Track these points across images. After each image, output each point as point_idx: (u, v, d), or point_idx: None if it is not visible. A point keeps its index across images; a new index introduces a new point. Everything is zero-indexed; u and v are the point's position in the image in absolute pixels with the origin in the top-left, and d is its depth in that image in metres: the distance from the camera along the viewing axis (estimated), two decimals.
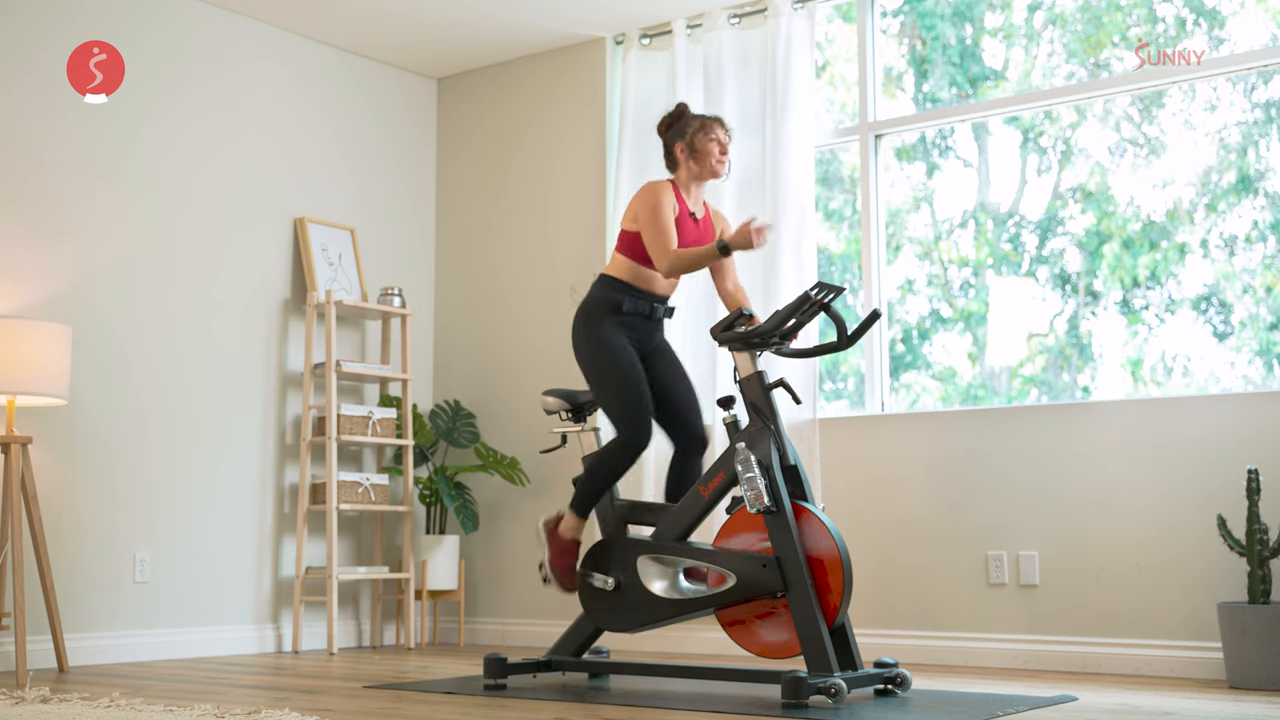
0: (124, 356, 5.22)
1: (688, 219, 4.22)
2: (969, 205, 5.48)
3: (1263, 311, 4.81)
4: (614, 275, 4.24)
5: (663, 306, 4.30)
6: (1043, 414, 4.87)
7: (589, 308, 4.22)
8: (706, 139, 4.25)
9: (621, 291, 4.21)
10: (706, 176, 4.28)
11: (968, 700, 3.75)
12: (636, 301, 4.22)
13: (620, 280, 4.23)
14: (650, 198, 4.17)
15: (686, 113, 4.34)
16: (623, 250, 4.24)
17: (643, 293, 4.24)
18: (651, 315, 4.27)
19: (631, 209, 4.22)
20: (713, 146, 4.25)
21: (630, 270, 4.22)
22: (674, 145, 4.29)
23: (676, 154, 4.29)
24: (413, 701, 3.80)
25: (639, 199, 4.19)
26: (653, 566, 4.09)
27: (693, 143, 4.25)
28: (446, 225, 6.48)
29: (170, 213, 5.44)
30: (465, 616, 6.11)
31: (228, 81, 5.69)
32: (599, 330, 4.17)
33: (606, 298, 4.21)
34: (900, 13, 5.66)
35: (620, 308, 4.20)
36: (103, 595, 5.08)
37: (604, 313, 4.19)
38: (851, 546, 5.02)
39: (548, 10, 5.78)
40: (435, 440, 6.08)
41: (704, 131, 4.25)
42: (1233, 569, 4.41)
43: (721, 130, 4.29)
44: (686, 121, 4.30)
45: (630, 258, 4.22)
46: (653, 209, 4.14)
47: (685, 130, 4.27)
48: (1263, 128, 4.86)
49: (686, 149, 4.26)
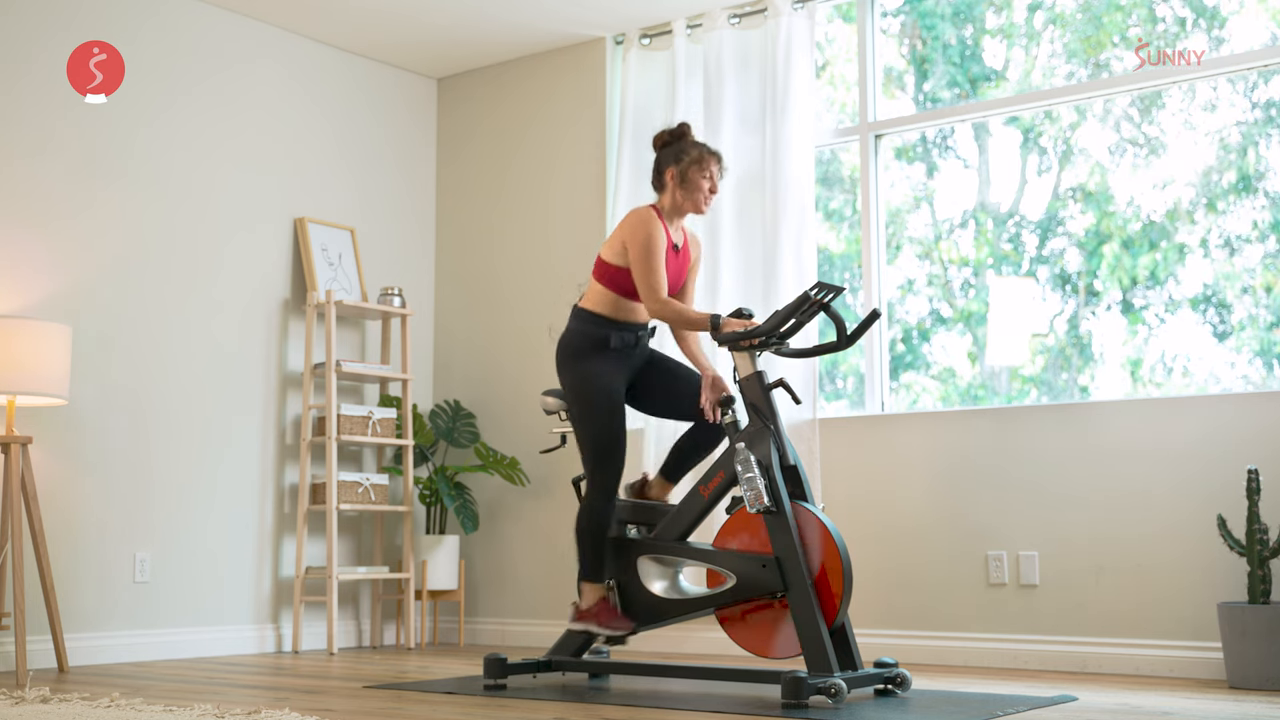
0: (124, 356, 5.22)
1: (670, 252, 4.13)
2: (969, 205, 5.48)
3: (1262, 312, 4.81)
4: (595, 310, 4.14)
5: (645, 333, 4.23)
6: (1043, 414, 4.87)
7: (572, 344, 4.13)
8: (700, 174, 4.11)
9: (605, 327, 4.12)
10: (688, 210, 4.15)
11: (968, 700, 3.75)
12: (622, 335, 4.13)
13: (602, 315, 4.13)
14: (642, 234, 4.03)
15: (688, 136, 4.21)
16: (605, 283, 4.12)
17: (626, 324, 4.15)
18: (638, 344, 4.20)
19: (618, 240, 4.09)
20: (704, 184, 4.12)
21: (612, 304, 4.12)
22: (665, 168, 4.15)
23: (666, 178, 4.15)
24: (413, 701, 3.80)
25: (630, 234, 4.05)
26: (653, 566, 4.09)
27: (685, 173, 4.12)
28: (446, 225, 6.48)
29: (170, 212, 5.44)
30: (465, 616, 6.11)
31: (228, 81, 5.69)
32: (582, 368, 4.10)
33: (590, 334, 4.12)
34: (900, 13, 5.66)
35: (607, 343, 4.11)
36: (103, 595, 5.08)
37: (589, 349, 4.10)
38: (851, 546, 5.02)
39: (548, 10, 5.78)
40: (435, 440, 6.08)
41: (699, 166, 4.11)
42: (1233, 569, 4.41)
43: (717, 168, 4.15)
44: (685, 148, 4.15)
45: (612, 290, 4.11)
46: (645, 248, 4.01)
47: (682, 157, 4.13)
48: (1263, 128, 4.86)
49: (678, 176, 4.12)
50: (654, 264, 4.01)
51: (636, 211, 4.11)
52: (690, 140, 4.20)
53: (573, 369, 4.12)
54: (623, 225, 4.10)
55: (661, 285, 4.01)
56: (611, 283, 4.11)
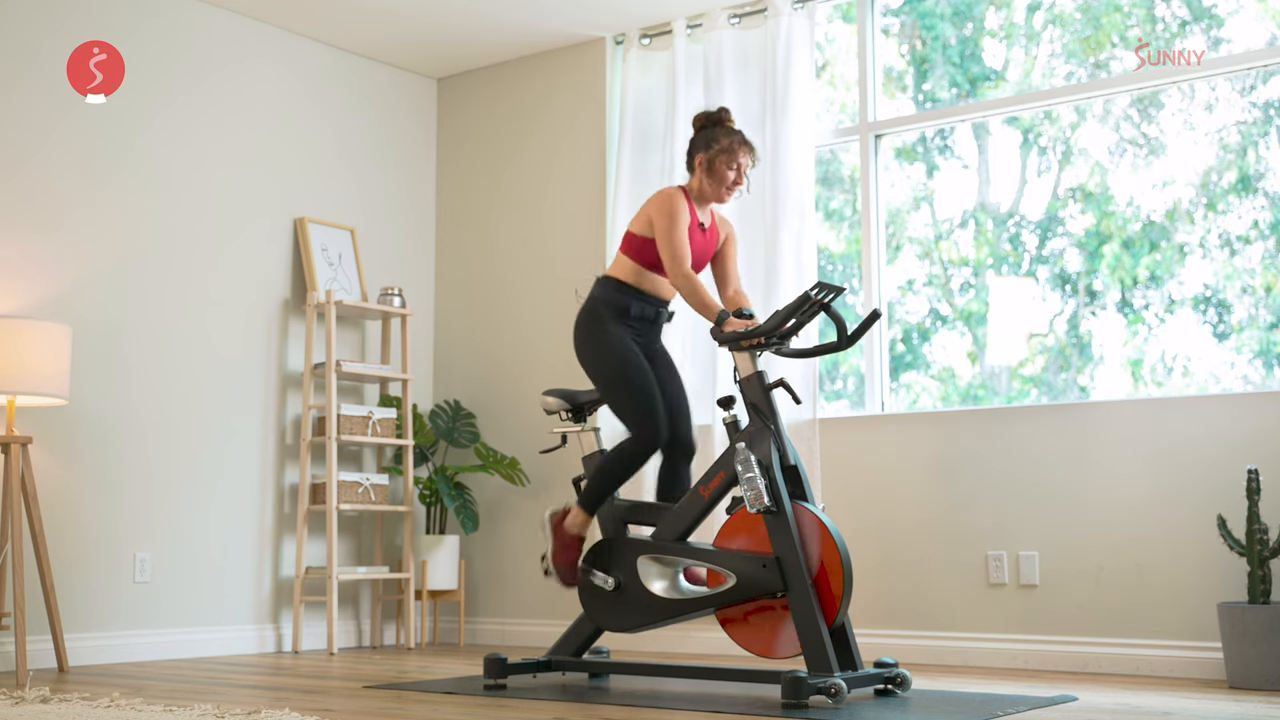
0: (124, 356, 5.22)
1: (696, 229, 4.19)
2: (969, 205, 5.48)
3: (1262, 312, 4.81)
4: (619, 278, 4.21)
5: (666, 310, 4.29)
6: (1043, 414, 4.87)
7: (594, 309, 4.19)
8: (728, 165, 4.16)
9: (628, 295, 4.19)
10: (710, 199, 4.22)
11: (968, 700, 3.75)
12: (643, 305, 4.20)
13: (625, 283, 4.20)
14: (668, 207, 4.11)
15: (724, 123, 4.24)
16: (629, 253, 4.20)
17: (649, 296, 4.22)
18: (656, 320, 4.26)
19: (645, 214, 4.16)
20: (729, 174, 4.17)
21: (635, 273, 4.20)
22: (696, 153, 4.22)
23: (695, 163, 4.22)
24: (413, 701, 3.80)
25: (656, 207, 4.13)
26: (653, 566, 4.09)
27: (713, 162, 4.17)
28: (446, 225, 6.48)
29: (171, 212, 5.44)
30: (465, 616, 6.11)
31: (227, 81, 5.69)
32: (605, 332, 4.15)
33: (612, 300, 4.18)
34: (900, 13, 5.66)
35: (628, 311, 4.18)
36: (103, 595, 5.08)
37: (610, 315, 4.17)
38: (851, 546, 5.02)
39: (548, 10, 5.78)
40: (435, 440, 6.08)
41: (728, 156, 4.16)
42: (1233, 569, 4.41)
43: (748, 159, 4.20)
44: (717, 135, 4.19)
45: (637, 261, 4.19)
46: (670, 219, 4.09)
47: (712, 144, 4.18)
48: (1262, 128, 4.86)
49: (705, 164, 4.19)
50: (677, 234, 4.08)
51: (663, 189, 4.21)
52: (725, 128, 4.23)
53: (593, 333, 4.16)
54: (650, 201, 4.19)
55: (685, 255, 4.06)
56: (637, 254, 4.18)
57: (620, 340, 4.14)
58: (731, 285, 4.33)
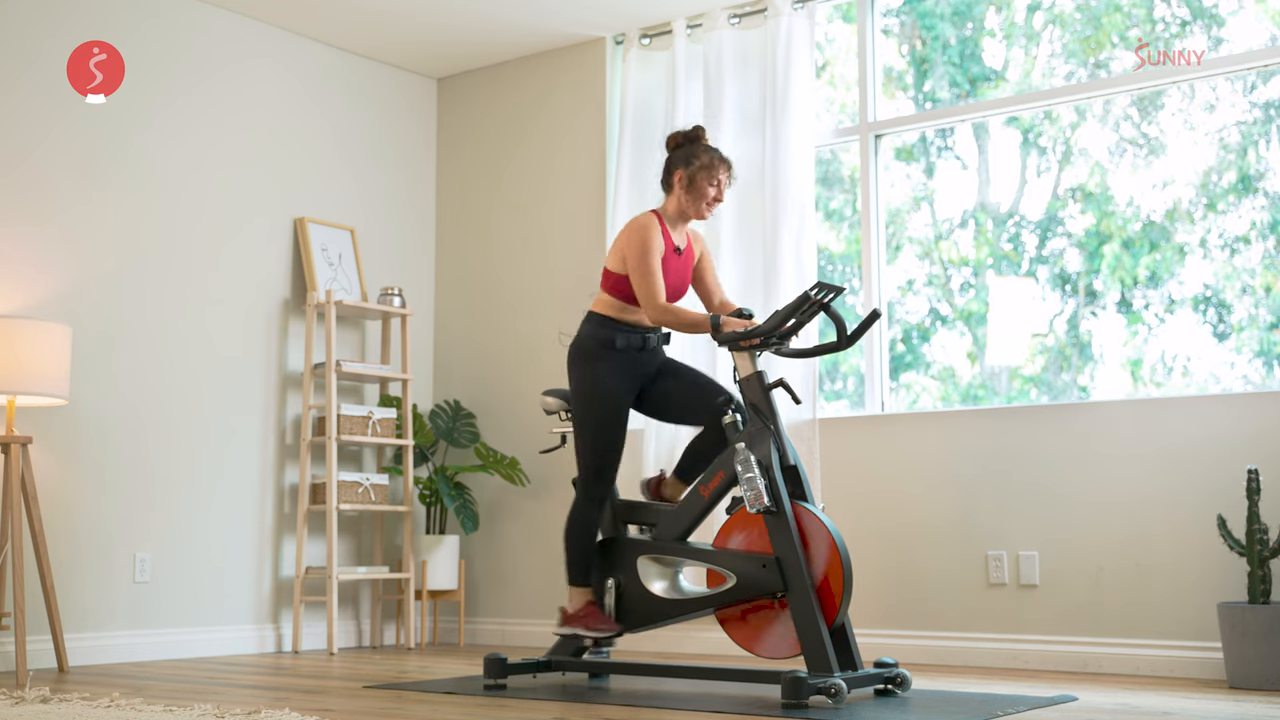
0: (124, 356, 5.22)
1: (672, 255, 4.16)
2: (969, 205, 5.48)
3: (1262, 312, 4.81)
4: (602, 313, 4.19)
5: (655, 336, 4.25)
6: (1043, 414, 4.87)
7: (582, 346, 4.18)
8: (708, 181, 4.15)
9: (612, 328, 4.16)
10: (691, 216, 4.19)
11: (968, 700, 3.75)
12: (629, 336, 4.17)
13: (608, 317, 4.18)
14: (637, 241, 4.09)
15: (701, 140, 4.23)
16: (609, 290, 4.18)
17: (633, 327, 4.19)
18: (645, 347, 4.22)
19: (619, 249, 4.15)
20: (710, 191, 4.16)
21: (618, 308, 4.18)
22: (674, 170, 4.19)
23: (674, 180, 4.19)
24: (413, 701, 3.80)
25: (626, 242, 4.11)
26: (653, 566, 4.09)
27: (693, 178, 4.15)
28: (446, 225, 6.48)
29: (170, 212, 5.44)
30: (465, 616, 6.11)
31: (227, 81, 5.69)
32: (589, 374, 4.14)
33: (598, 335, 4.16)
34: (900, 13, 5.66)
35: (614, 344, 4.15)
36: (103, 595, 5.08)
37: (599, 350, 4.15)
38: (851, 546, 5.02)
39: (548, 10, 5.78)
40: (435, 440, 6.08)
41: (708, 172, 4.15)
42: (1233, 569, 4.41)
43: (726, 176, 4.19)
44: (696, 152, 4.18)
45: (617, 297, 4.17)
46: (640, 255, 4.07)
47: (692, 160, 4.16)
48: (1262, 128, 4.86)
49: (685, 180, 4.16)
50: (650, 270, 4.05)
51: (634, 219, 4.17)
52: (703, 145, 4.22)
53: (582, 370, 4.16)
54: (621, 235, 4.17)
55: (658, 291, 4.05)
56: (615, 289, 4.17)
57: (602, 383, 4.12)
58: (716, 297, 4.32)
